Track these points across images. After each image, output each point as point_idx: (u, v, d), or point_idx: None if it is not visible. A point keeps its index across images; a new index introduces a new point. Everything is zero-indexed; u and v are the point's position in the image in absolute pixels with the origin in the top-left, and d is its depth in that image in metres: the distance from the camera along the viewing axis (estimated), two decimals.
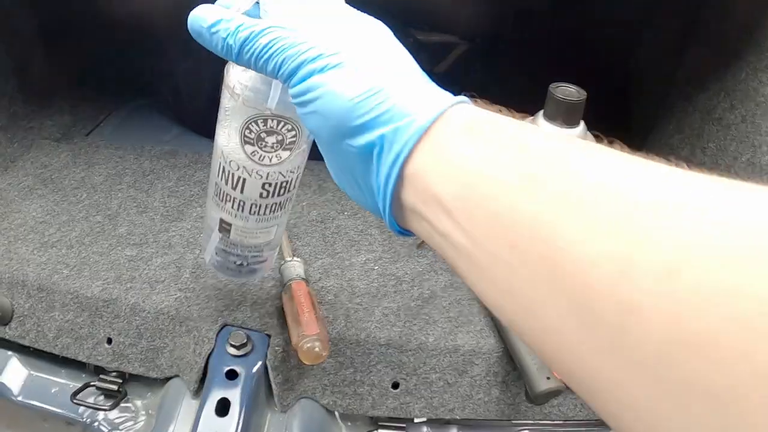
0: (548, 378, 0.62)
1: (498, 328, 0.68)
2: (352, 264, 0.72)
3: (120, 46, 1.04)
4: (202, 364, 0.64)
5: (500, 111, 0.83)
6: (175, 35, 1.13)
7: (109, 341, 0.69)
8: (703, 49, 0.87)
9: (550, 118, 0.64)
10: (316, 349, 0.61)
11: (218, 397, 0.61)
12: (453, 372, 0.67)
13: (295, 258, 0.70)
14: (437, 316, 0.68)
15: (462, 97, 0.33)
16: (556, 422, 0.70)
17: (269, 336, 0.65)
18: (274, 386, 0.64)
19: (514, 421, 0.69)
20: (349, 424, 0.68)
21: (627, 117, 1.06)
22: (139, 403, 0.70)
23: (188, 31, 0.42)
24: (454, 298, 0.71)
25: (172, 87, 1.02)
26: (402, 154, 0.30)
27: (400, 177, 0.31)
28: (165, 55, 1.01)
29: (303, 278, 0.68)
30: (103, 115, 0.94)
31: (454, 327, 0.68)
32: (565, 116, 0.63)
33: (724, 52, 0.83)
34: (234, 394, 0.61)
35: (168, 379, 0.68)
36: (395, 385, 0.66)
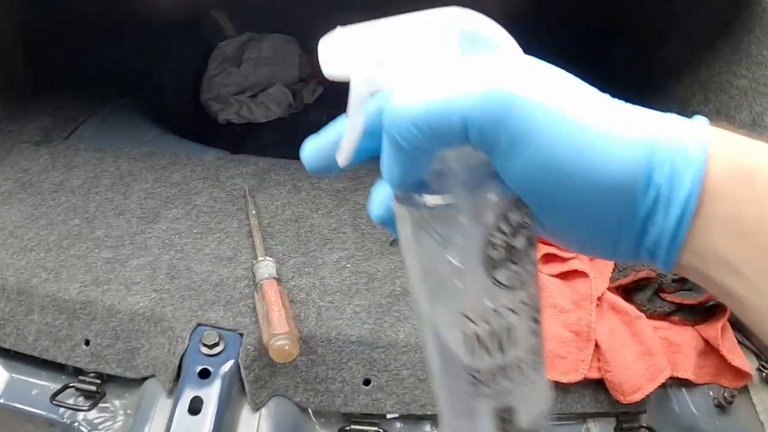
0: None
1: None
2: (324, 262, 0.73)
3: (102, 47, 1.04)
4: (176, 364, 0.65)
5: None
6: (157, 35, 1.14)
7: (87, 343, 0.70)
8: (679, 42, 0.87)
9: None
10: (286, 347, 0.61)
11: (191, 396, 0.62)
12: (423, 368, 0.67)
13: (267, 257, 0.70)
14: (408, 313, 0.69)
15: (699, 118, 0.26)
16: None
17: (242, 335, 0.66)
18: (246, 384, 0.65)
19: None
20: (323, 420, 0.69)
21: None
22: (117, 403, 0.71)
23: (168, 34, 0.37)
24: None
25: (154, 87, 1.02)
26: (688, 209, 0.24)
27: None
28: (147, 55, 1.02)
29: (275, 277, 0.68)
30: (83, 116, 0.95)
31: None
32: None
33: (699, 44, 0.83)
34: (206, 393, 0.62)
35: (145, 379, 0.69)
36: (367, 382, 0.67)
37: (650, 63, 0.93)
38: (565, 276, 0.74)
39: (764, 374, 0.79)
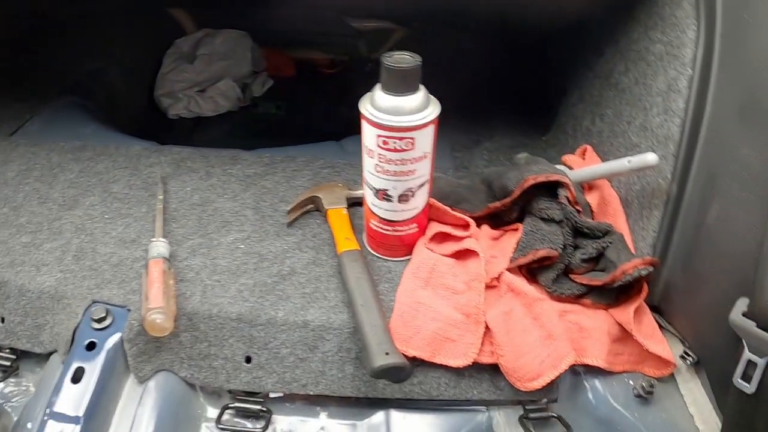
0: (387, 354, 0.61)
1: (350, 303, 0.67)
2: (220, 243, 0.74)
3: (49, 47, 1.09)
4: (70, 338, 0.68)
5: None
6: (110, 35, 1.19)
7: (2, 320, 0.74)
8: (602, 13, 0.83)
9: (386, 88, 0.63)
10: (158, 320, 0.63)
11: (76, 366, 0.65)
12: (303, 347, 0.67)
13: (161, 239, 0.72)
14: (292, 292, 0.69)
15: None
16: (417, 400, 0.69)
17: (129, 311, 0.68)
18: (129, 357, 0.66)
19: (371, 397, 0.68)
20: (210, 397, 0.70)
21: (547, 96, 1.02)
22: (30, 376, 0.75)
23: (123, 33, 0.37)
24: (314, 275, 0.71)
25: (105, 85, 1.07)
26: None
27: None
28: (98, 54, 1.06)
29: (164, 257, 0.70)
30: (30, 114, 1.00)
31: (306, 303, 0.68)
32: (401, 84, 0.62)
33: (619, 14, 0.78)
34: (90, 364, 0.64)
35: (51, 354, 0.73)
36: (248, 360, 0.67)
37: (579, 42, 0.88)
38: (459, 256, 0.72)
39: (689, 362, 0.73)
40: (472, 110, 1.09)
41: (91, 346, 0.66)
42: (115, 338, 0.67)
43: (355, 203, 0.79)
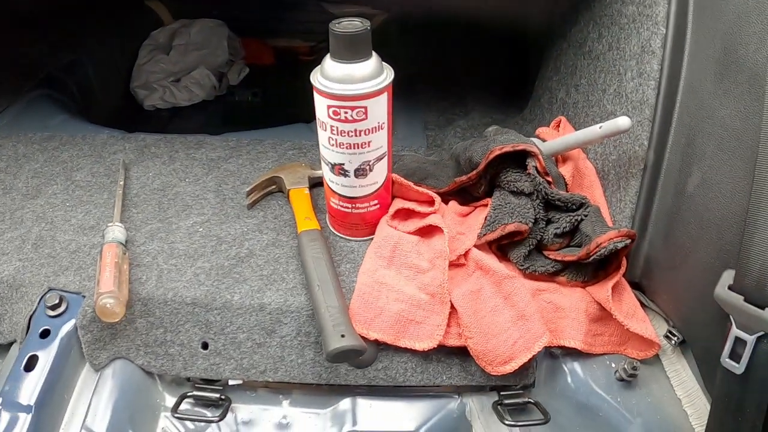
0: (343, 336, 0.58)
1: (307, 284, 0.64)
2: (179, 227, 0.72)
3: (25, 39, 1.08)
4: (26, 326, 0.66)
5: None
6: (84, 28, 1.18)
7: None
8: None
9: (336, 56, 0.60)
10: (108, 305, 0.60)
11: (29, 354, 0.63)
12: (261, 332, 0.64)
13: (117, 224, 0.70)
14: (249, 274, 0.66)
15: None
16: (384, 387, 0.65)
17: (84, 297, 0.66)
18: (83, 345, 0.64)
19: (333, 384, 0.65)
20: (168, 385, 0.67)
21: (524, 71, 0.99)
22: None
23: (98, 26, 0.36)
24: (273, 256, 0.68)
25: (80, 78, 1.06)
26: None
27: None
28: (72, 47, 1.05)
29: (118, 241, 0.68)
30: (1, 107, 0.99)
31: (264, 285, 0.65)
32: (350, 51, 0.59)
33: None
34: (44, 352, 0.63)
35: (11, 344, 0.71)
36: (205, 346, 0.65)
37: (552, 13, 0.84)
38: (423, 233, 0.68)
39: (674, 341, 0.69)
40: (446, 89, 1.06)
41: (45, 334, 0.64)
42: (69, 325, 0.65)
43: (319, 183, 0.76)
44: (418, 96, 1.02)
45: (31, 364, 0.62)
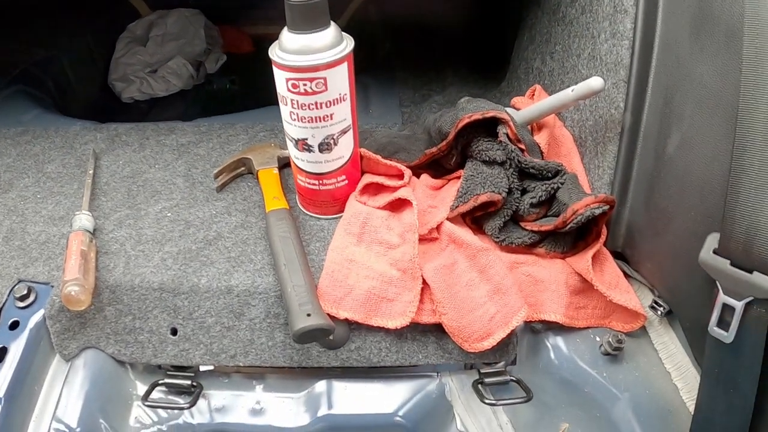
0: (309, 315, 0.56)
1: (275, 264, 0.62)
2: (147, 213, 0.70)
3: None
4: None
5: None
6: (58, 24, 1.17)
7: None
8: None
9: (292, 27, 0.58)
10: (73, 293, 0.59)
11: None
12: (229, 315, 0.62)
13: (84, 212, 0.69)
14: (217, 257, 0.64)
15: None
16: (359, 368, 0.63)
17: (52, 287, 0.65)
18: (52, 335, 0.63)
19: (306, 367, 0.63)
20: (140, 373, 0.66)
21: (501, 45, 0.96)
22: None
23: (73, 21, 0.35)
24: (241, 238, 0.66)
25: (56, 73, 1.05)
26: None
27: None
28: (47, 43, 1.05)
29: (85, 229, 0.66)
30: None
31: (231, 267, 0.63)
32: (307, 21, 0.57)
33: None
34: (13, 344, 0.62)
35: None
36: (174, 331, 0.63)
37: None
38: (393, 207, 0.66)
39: (660, 312, 0.66)
40: (423, 65, 1.04)
41: (14, 326, 0.64)
42: (38, 316, 0.63)
43: (288, 163, 0.74)
44: (394, 73, 1.00)
45: (0, 356, 0.61)
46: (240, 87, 1.29)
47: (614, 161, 0.64)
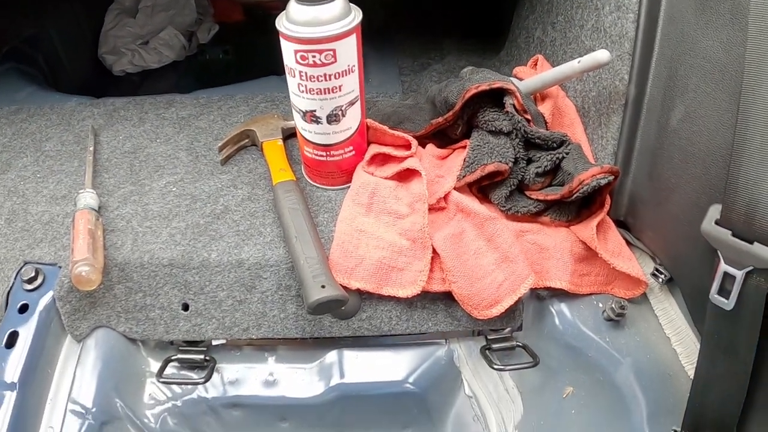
0: (324, 287, 0.57)
1: (285, 236, 0.62)
2: (152, 189, 0.70)
3: None
4: (3, 302, 0.65)
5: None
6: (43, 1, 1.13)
7: None
8: None
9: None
10: (83, 273, 0.58)
11: (9, 331, 0.61)
12: (241, 288, 0.63)
13: (88, 189, 0.68)
14: (225, 230, 0.64)
15: None
16: (370, 337, 0.65)
17: (60, 268, 0.64)
18: (63, 316, 0.63)
19: (318, 338, 0.64)
20: (152, 350, 0.66)
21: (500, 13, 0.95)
22: None
23: None
24: (249, 210, 0.66)
25: (45, 50, 1.03)
26: None
27: None
28: (33, 20, 1.02)
29: (90, 207, 0.66)
30: None
31: (241, 240, 0.63)
32: None
33: None
34: (24, 327, 0.61)
35: None
36: (185, 307, 0.63)
37: None
38: (401, 177, 0.67)
39: (661, 279, 0.68)
40: (422, 33, 1.03)
41: (23, 309, 0.63)
42: (47, 298, 0.63)
43: (292, 134, 0.74)
44: (392, 41, 0.99)
45: (12, 341, 0.61)
46: (234, 57, 1.27)
47: (618, 132, 0.65)
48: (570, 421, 0.67)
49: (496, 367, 0.65)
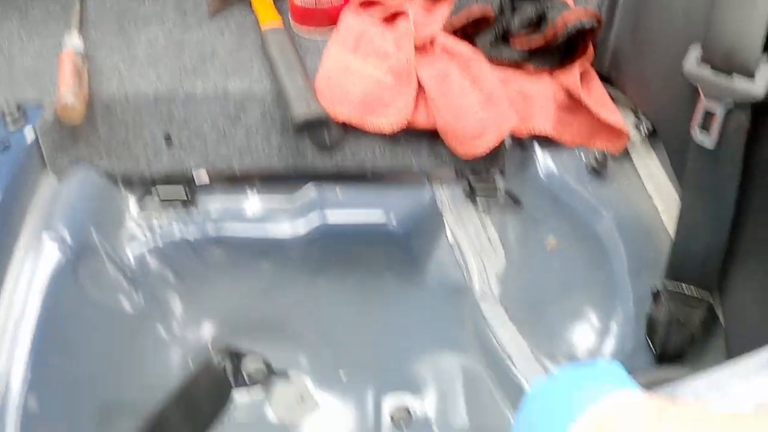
0: (310, 106, 0.57)
1: (273, 71, 0.62)
2: (140, 41, 0.69)
3: None
4: None
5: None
6: None
7: None
8: None
9: None
10: (68, 102, 0.57)
11: None
12: (226, 120, 0.62)
13: (74, 32, 0.68)
14: (213, 71, 0.64)
15: None
16: (351, 174, 0.64)
17: (43, 106, 0.64)
18: (44, 151, 0.62)
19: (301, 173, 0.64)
20: (130, 186, 0.66)
21: None
22: None
23: None
24: (237, 56, 0.66)
25: None
26: None
27: None
28: None
29: (76, 49, 0.65)
30: None
31: (228, 75, 0.63)
32: None
33: None
34: (4, 164, 0.61)
35: None
36: (168, 139, 0.63)
37: None
38: (388, 20, 0.67)
39: (643, 132, 0.68)
40: None
41: (4, 146, 0.62)
42: (30, 136, 0.62)
43: None
44: None
45: None
46: None
47: None
48: (551, 272, 0.67)
49: (478, 210, 0.65)
